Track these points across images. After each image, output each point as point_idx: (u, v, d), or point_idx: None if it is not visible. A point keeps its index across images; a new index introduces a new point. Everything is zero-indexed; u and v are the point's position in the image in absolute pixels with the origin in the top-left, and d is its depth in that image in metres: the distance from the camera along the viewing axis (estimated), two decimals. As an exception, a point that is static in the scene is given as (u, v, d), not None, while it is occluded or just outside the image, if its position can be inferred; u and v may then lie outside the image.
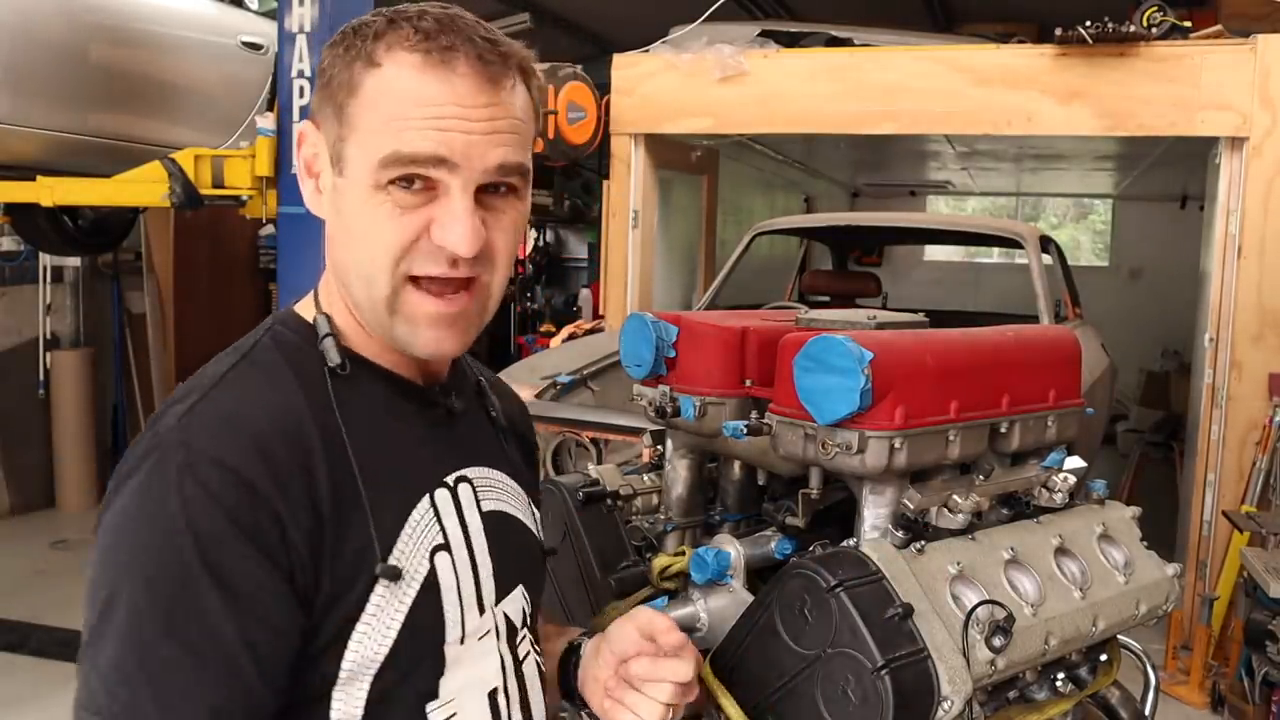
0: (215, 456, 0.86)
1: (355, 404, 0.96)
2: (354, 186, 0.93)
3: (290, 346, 0.99)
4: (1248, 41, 4.37)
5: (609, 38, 6.91)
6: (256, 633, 0.85)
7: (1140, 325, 8.91)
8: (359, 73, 0.92)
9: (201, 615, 0.84)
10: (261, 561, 0.86)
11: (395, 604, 0.93)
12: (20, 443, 6.17)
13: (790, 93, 5.00)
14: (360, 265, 0.94)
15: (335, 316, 1.00)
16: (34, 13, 4.17)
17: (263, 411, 0.91)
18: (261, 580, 0.86)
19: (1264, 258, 4.34)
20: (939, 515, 1.30)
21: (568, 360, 4.07)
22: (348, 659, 0.91)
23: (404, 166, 0.90)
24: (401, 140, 0.89)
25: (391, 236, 0.92)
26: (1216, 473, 4.42)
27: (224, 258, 7.28)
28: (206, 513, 0.85)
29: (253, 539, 0.85)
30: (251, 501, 0.86)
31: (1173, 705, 3.93)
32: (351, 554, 0.91)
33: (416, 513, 0.97)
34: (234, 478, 0.86)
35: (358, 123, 0.92)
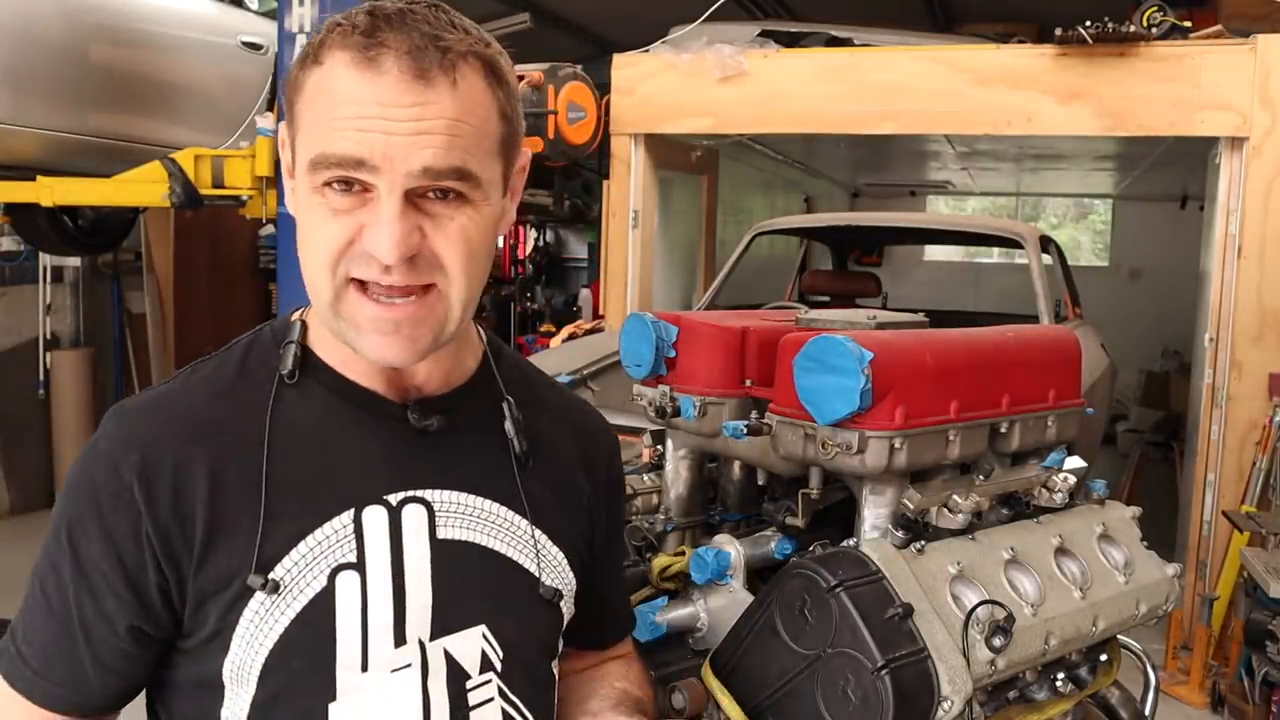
0: (107, 440, 0.95)
1: (299, 412, 0.97)
2: (300, 188, 0.91)
3: (260, 347, 1.01)
4: (1248, 41, 4.36)
5: (609, 38, 6.91)
6: (89, 610, 0.93)
7: (1140, 325, 8.91)
8: (305, 72, 0.90)
9: (59, 575, 0.94)
10: (107, 549, 0.92)
11: (276, 615, 0.92)
12: (20, 443, 6.16)
13: (790, 93, 5.00)
14: (306, 267, 0.92)
15: (314, 320, 1.00)
16: (34, 13, 4.17)
17: (175, 408, 0.97)
18: (102, 567, 0.92)
19: (1264, 258, 4.34)
20: (939, 515, 1.30)
21: (568, 360, 4.07)
22: (229, 659, 0.92)
23: (329, 169, 0.87)
24: (326, 141, 0.87)
25: (325, 239, 0.89)
26: (1216, 473, 4.42)
27: (224, 258, 7.28)
28: (82, 491, 0.94)
29: (105, 525, 0.92)
30: (115, 490, 0.92)
31: (1173, 705, 3.93)
32: (229, 558, 0.92)
33: (330, 526, 0.94)
34: (109, 465, 0.93)
35: (300, 123, 0.91)
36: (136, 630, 0.93)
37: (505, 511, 1.03)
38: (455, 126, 0.87)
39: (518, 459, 1.05)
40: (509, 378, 1.08)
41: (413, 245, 0.88)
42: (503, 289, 8.44)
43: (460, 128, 0.87)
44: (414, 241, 0.88)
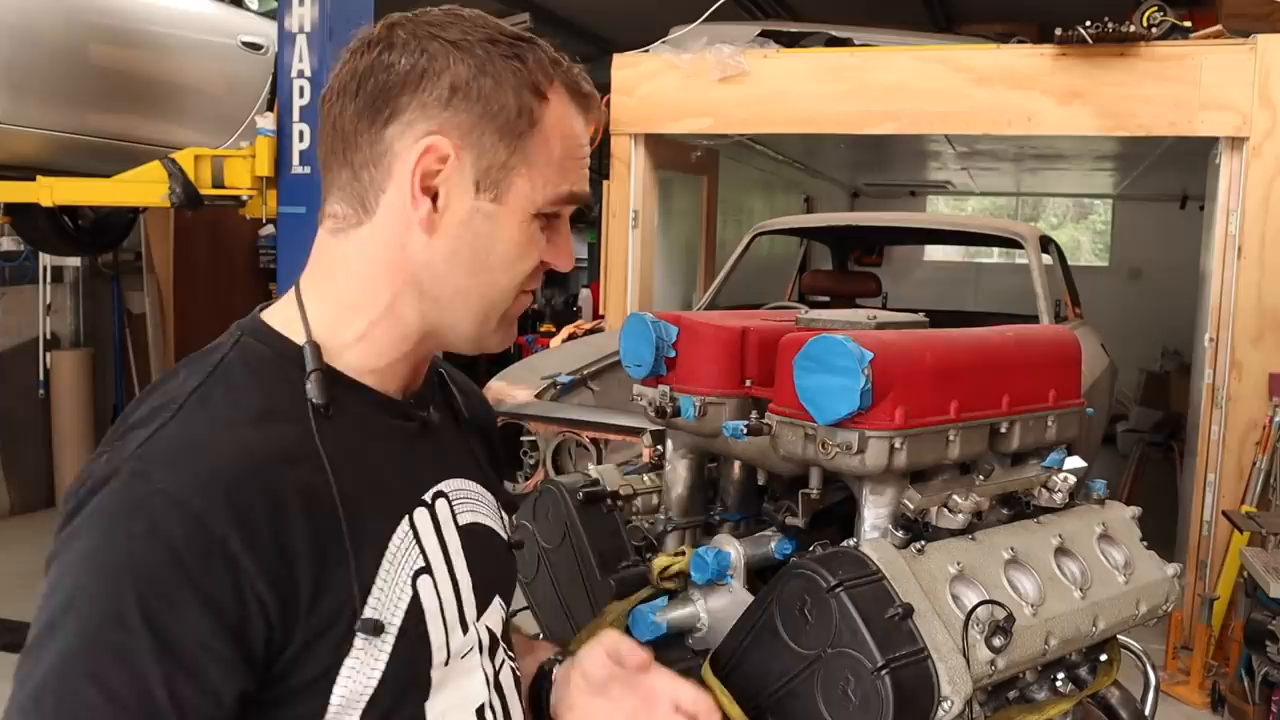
0: (171, 493, 0.81)
1: (339, 429, 0.91)
2: (513, 215, 0.94)
3: (267, 364, 0.93)
4: (1248, 41, 4.37)
5: (609, 38, 6.91)
6: (185, 690, 0.79)
7: (1140, 325, 8.92)
8: (531, 103, 0.92)
9: (131, 665, 0.78)
10: (205, 615, 0.80)
11: (379, 645, 0.90)
12: (20, 443, 6.17)
13: (790, 93, 5.00)
14: (490, 286, 0.96)
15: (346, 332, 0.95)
16: (34, 13, 4.17)
17: (232, 443, 0.85)
18: (202, 636, 0.80)
19: (1264, 258, 4.34)
20: (939, 515, 1.30)
21: (568, 360, 4.07)
22: (336, 695, 0.88)
23: (571, 204, 0.97)
24: (574, 181, 0.96)
25: (534, 256, 0.97)
26: (1216, 473, 4.42)
27: (224, 258, 7.28)
28: (153, 557, 0.79)
29: (200, 591, 0.80)
30: (205, 547, 0.80)
31: (1173, 705, 3.93)
32: (333, 595, 0.87)
33: (396, 538, 0.93)
34: (189, 519, 0.80)
35: (535, 156, 0.93)
36: (244, 695, 0.83)
37: (479, 487, 1.08)
38: None
39: (466, 432, 1.12)
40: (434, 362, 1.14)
41: None
42: (502, 289, 8.45)
43: None
44: None
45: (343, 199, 0.95)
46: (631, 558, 1.58)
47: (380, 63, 0.91)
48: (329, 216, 0.96)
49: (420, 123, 0.90)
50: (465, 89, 0.90)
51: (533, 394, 3.78)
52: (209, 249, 7.12)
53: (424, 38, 0.91)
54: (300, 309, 0.95)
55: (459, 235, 0.93)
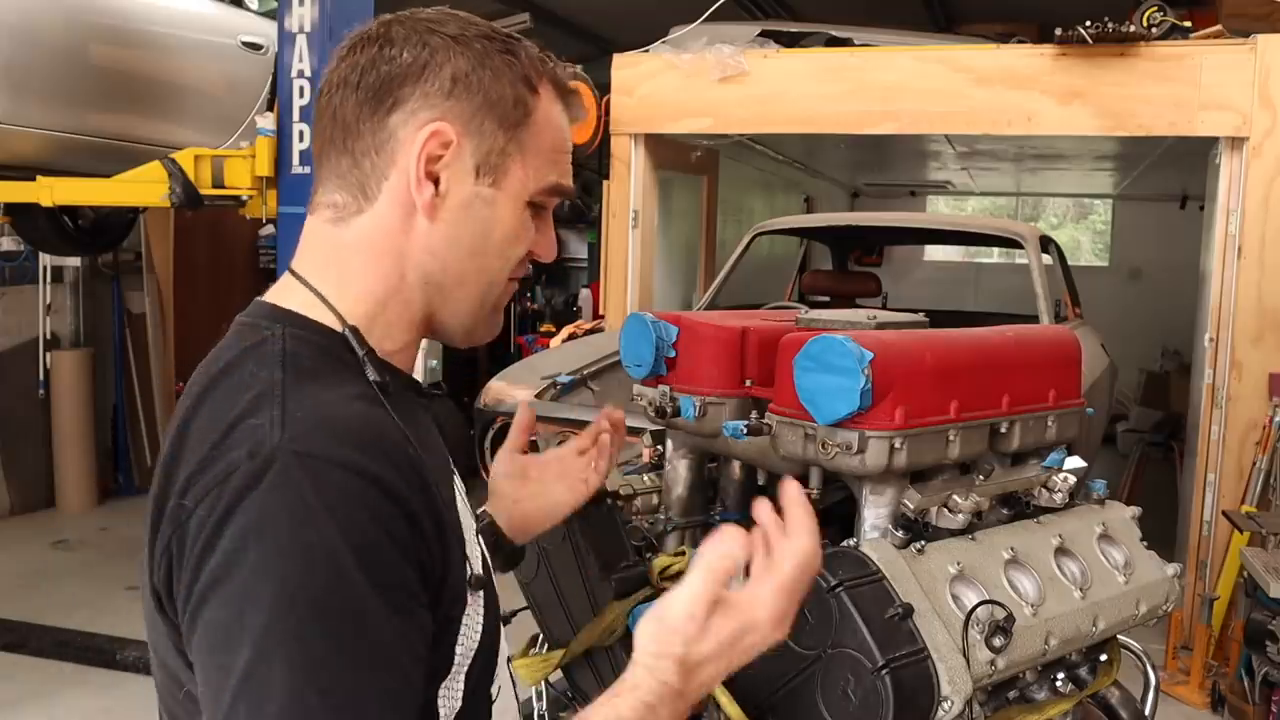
0: (345, 461, 0.82)
1: (399, 410, 0.93)
2: (509, 201, 0.98)
3: (323, 354, 0.93)
4: (1248, 41, 4.36)
5: (609, 38, 6.91)
6: (417, 641, 0.83)
7: (1140, 325, 8.92)
8: (525, 95, 0.97)
9: (375, 632, 0.80)
10: (411, 568, 0.83)
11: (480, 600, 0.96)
12: (20, 443, 6.17)
13: (790, 93, 5.00)
14: (486, 270, 0.99)
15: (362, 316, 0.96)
16: (34, 13, 4.17)
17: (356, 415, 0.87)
18: (413, 588, 0.83)
19: (1264, 258, 4.34)
20: (939, 515, 1.30)
21: (568, 360, 4.07)
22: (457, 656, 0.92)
23: (557, 195, 1.01)
24: (561, 174, 1.00)
25: (524, 245, 1.01)
26: (1216, 473, 4.42)
27: (224, 258, 7.28)
28: (357, 521, 0.80)
29: (399, 543, 0.82)
30: (390, 505, 0.83)
31: (1173, 705, 3.93)
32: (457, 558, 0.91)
33: (462, 510, 0.99)
34: (368, 481, 0.82)
35: (528, 145, 0.98)
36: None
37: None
38: None
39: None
40: None
41: None
42: (503, 289, 8.43)
43: None
44: None
45: (342, 187, 0.96)
46: (631, 558, 1.58)
47: (382, 56, 0.94)
48: (325, 206, 0.97)
49: (423, 111, 0.93)
50: (466, 80, 0.94)
51: (533, 394, 3.78)
52: (209, 249, 7.12)
53: (423, 32, 0.95)
54: (319, 296, 0.96)
55: (459, 220, 0.96)
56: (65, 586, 4.90)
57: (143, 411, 6.73)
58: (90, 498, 6.31)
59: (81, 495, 6.30)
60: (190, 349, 6.49)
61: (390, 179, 0.95)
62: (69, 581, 4.97)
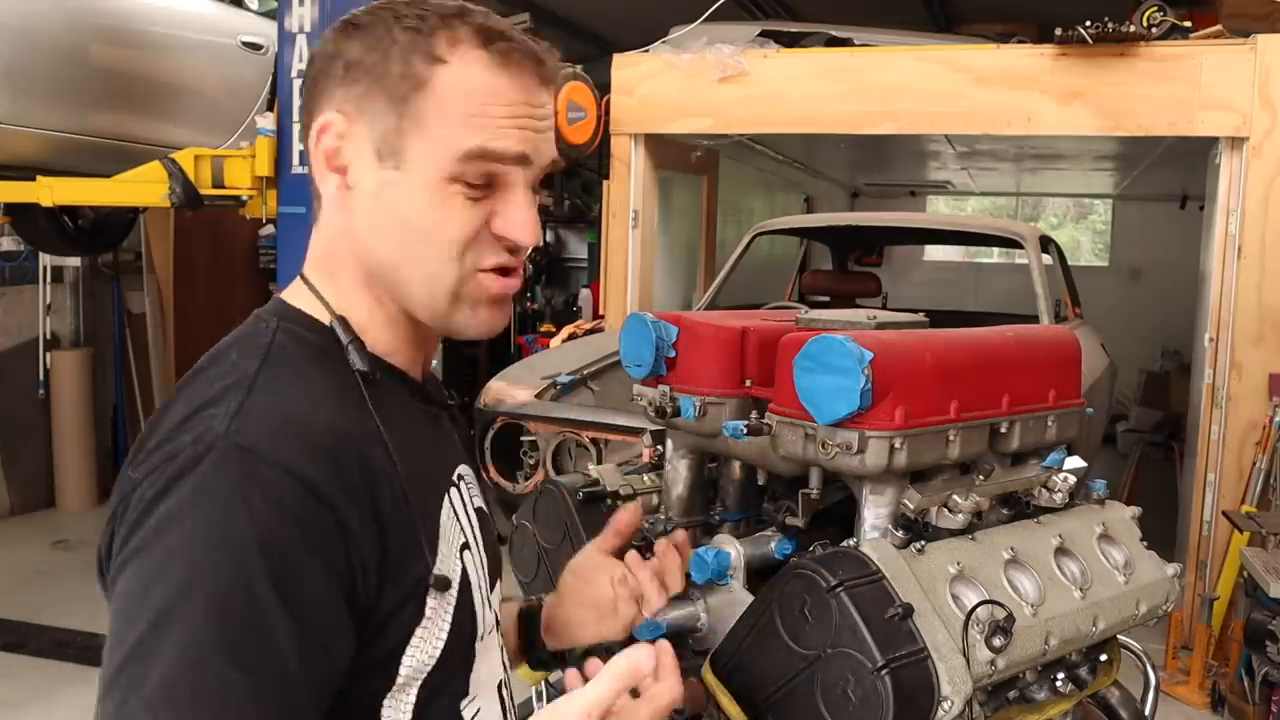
0: (281, 462, 0.81)
1: (385, 407, 0.94)
2: (417, 180, 0.92)
3: (312, 348, 0.94)
4: (1248, 41, 4.36)
5: (609, 38, 6.91)
6: (316, 658, 0.81)
7: (1140, 325, 8.92)
8: (422, 67, 0.91)
9: (267, 638, 0.78)
10: (328, 579, 0.82)
11: (443, 610, 0.93)
12: (20, 443, 6.17)
13: (790, 93, 5.00)
14: (421, 260, 0.93)
15: (352, 315, 0.97)
16: (34, 13, 4.17)
17: (318, 414, 0.87)
18: (326, 600, 0.82)
19: (1264, 258, 4.34)
20: (939, 515, 1.30)
21: (568, 360, 4.08)
22: (403, 668, 0.90)
23: (488, 163, 0.92)
24: (486, 137, 0.91)
25: (458, 228, 0.93)
26: (1216, 473, 4.42)
27: (224, 258, 7.28)
28: (276, 525, 0.80)
29: (321, 554, 0.81)
30: (320, 513, 0.82)
31: (1173, 705, 3.93)
32: (407, 565, 0.89)
33: (444, 514, 0.97)
34: (302, 486, 0.81)
35: (426, 118, 0.91)
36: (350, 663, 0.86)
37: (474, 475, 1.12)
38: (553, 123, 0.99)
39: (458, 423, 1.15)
40: None
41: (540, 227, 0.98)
42: (503, 289, 8.43)
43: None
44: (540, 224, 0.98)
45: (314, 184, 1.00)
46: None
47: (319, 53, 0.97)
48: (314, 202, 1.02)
49: (326, 106, 0.94)
50: (355, 64, 0.93)
51: (533, 394, 3.78)
52: (209, 249, 7.12)
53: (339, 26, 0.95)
54: (315, 292, 0.98)
55: (373, 209, 0.94)
56: (65, 586, 4.90)
57: (143, 412, 6.73)
58: (90, 498, 6.31)
59: (81, 495, 6.30)
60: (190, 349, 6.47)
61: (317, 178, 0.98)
62: (69, 581, 4.97)
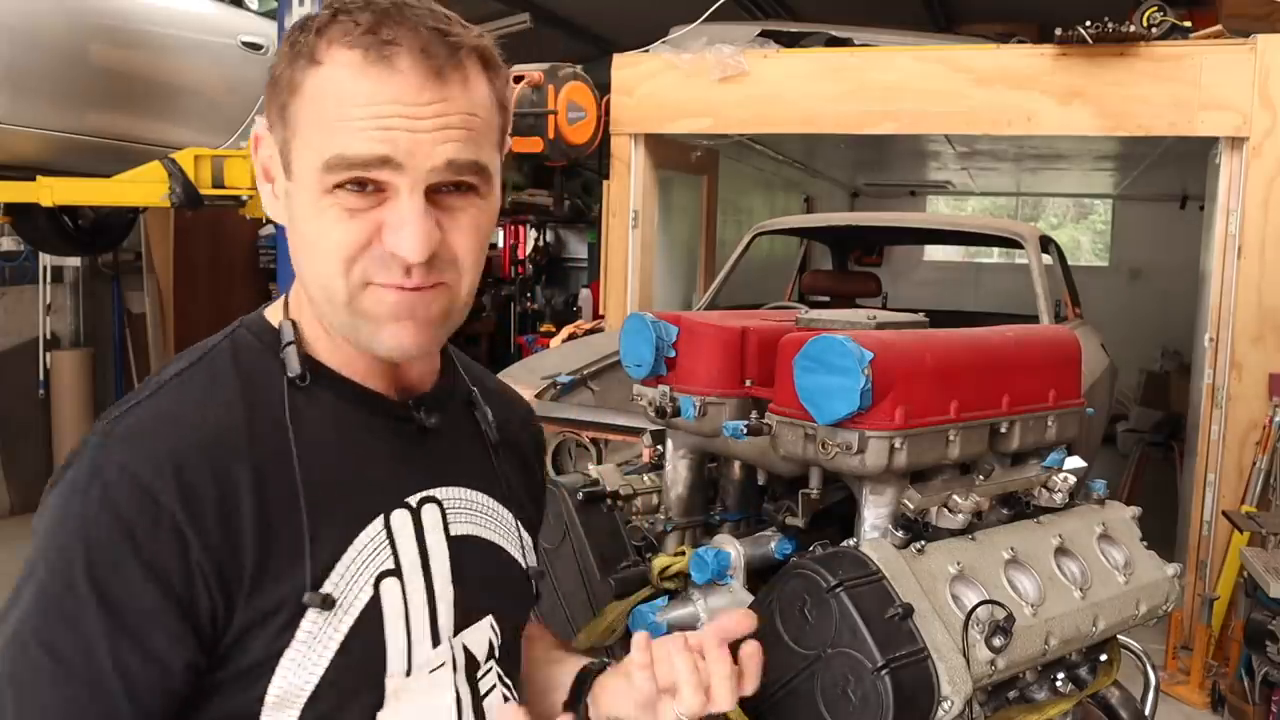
0: (126, 466, 0.84)
1: (313, 417, 0.92)
2: (302, 191, 0.88)
3: (250, 352, 0.95)
4: (1248, 41, 4.36)
5: (609, 38, 6.91)
6: (131, 659, 0.82)
7: (1140, 325, 8.91)
8: (301, 71, 0.87)
9: (78, 631, 0.81)
10: (152, 585, 0.82)
11: (329, 632, 0.89)
12: (20, 443, 6.16)
13: (790, 93, 5.00)
14: (316, 272, 0.90)
15: (303, 323, 0.96)
16: (34, 13, 4.17)
17: (193, 422, 0.88)
18: (148, 605, 0.82)
19: (1264, 258, 4.34)
20: (939, 515, 1.30)
21: (568, 360, 4.07)
22: (275, 686, 0.87)
23: (348, 170, 0.85)
24: (343, 142, 0.85)
25: (341, 241, 0.87)
26: (1216, 473, 4.42)
27: (224, 258, 7.28)
28: (103, 525, 0.82)
29: (146, 559, 0.82)
30: (154, 519, 0.82)
31: (1173, 705, 3.93)
32: (278, 580, 0.87)
33: (365, 534, 0.92)
34: (139, 491, 0.83)
35: (300, 124, 0.88)
36: (191, 667, 0.85)
37: (493, 503, 1.06)
38: (470, 120, 0.88)
39: (494, 448, 1.08)
40: (466, 370, 1.11)
41: (435, 242, 0.87)
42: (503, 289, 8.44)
43: (474, 121, 0.88)
44: (435, 238, 0.87)
45: None
46: (631, 558, 1.58)
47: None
48: None
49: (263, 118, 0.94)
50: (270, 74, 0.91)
51: (533, 394, 3.78)
52: (209, 249, 7.12)
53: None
54: (285, 297, 0.98)
55: (287, 219, 0.92)
56: (65, 586, 4.89)
57: (143, 411, 6.73)
58: (90, 498, 6.31)
59: (81, 495, 6.29)
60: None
61: None
62: (69, 581, 4.96)
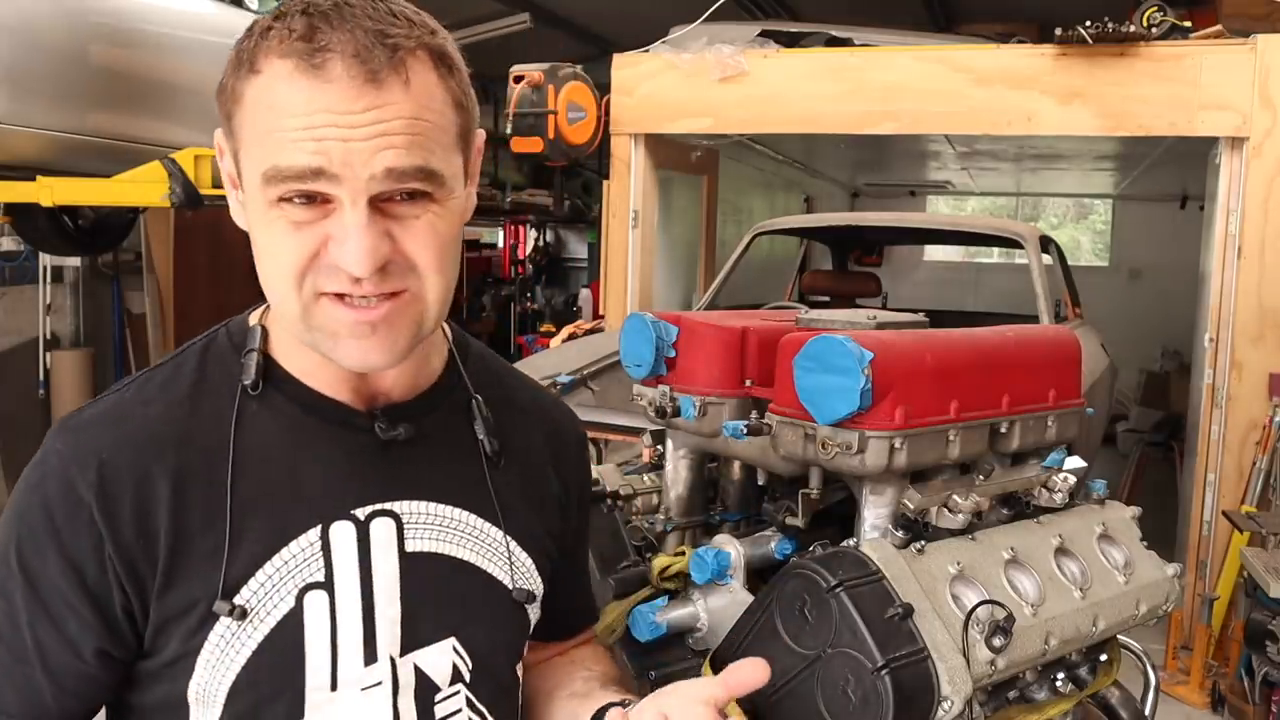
0: (62, 456, 0.90)
1: (262, 423, 0.93)
2: (251, 202, 0.87)
3: (219, 354, 0.96)
4: (1248, 41, 4.36)
5: (609, 38, 6.91)
6: (47, 638, 0.88)
7: (1140, 325, 8.91)
8: (242, 80, 0.86)
9: (11, 604, 0.89)
10: (66, 570, 0.87)
11: (242, 639, 0.89)
12: (20, 443, 6.15)
13: (790, 93, 5.00)
14: (270, 282, 0.88)
15: (275, 328, 0.96)
16: (34, 13, 4.17)
17: (132, 419, 0.92)
18: (62, 589, 0.88)
19: (1264, 258, 4.34)
20: (939, 515, 1.30)
21: (568, 360, 4.07)
22: (194, 685, 0.90)
23: (284, 183, 0.82)
24: (277, 154, 0.82)
25: (288, 255, 0.85)
26: (1216, 473, 4.42)
27: (224, 258, 7.27)
28: (34, 505, 0.89)
29: (63, 546, 0.87)
30: (73, 509, 0.87)
31: (1173, 705, 3.93)
32: (190, 581, 0.88)
33: (296, 545, 0.91)
34: (64, 481, 0.88)
35: (243, 135, 0.87)
36: (103, 654, 0.89)
37: (475, 519, 1.01)
38: (413, 125, 0.84)
39: (489, 460, 1.02)
40: (476, 375, 1.05)
41: (382, 254, 0.84)
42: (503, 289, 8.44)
43: (418, 125, 0.84)
44: (384, 251, 0.84)
45: None
46: (631, 558, 1.58)
47: None
48: None
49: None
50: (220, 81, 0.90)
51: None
52: (209, 249, 7.12)
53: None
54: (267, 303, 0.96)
55: (249, 229, 0.90)
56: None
57: (143, 411, 6.73)
58: (90, 498, 6.31)
59: (81, 495, 6.30)
60: (190, 349, 6.47)
61: None
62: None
